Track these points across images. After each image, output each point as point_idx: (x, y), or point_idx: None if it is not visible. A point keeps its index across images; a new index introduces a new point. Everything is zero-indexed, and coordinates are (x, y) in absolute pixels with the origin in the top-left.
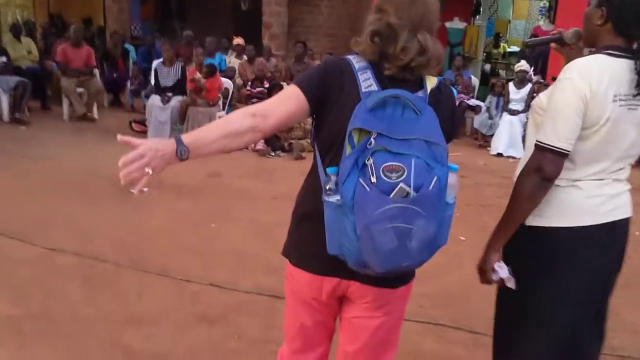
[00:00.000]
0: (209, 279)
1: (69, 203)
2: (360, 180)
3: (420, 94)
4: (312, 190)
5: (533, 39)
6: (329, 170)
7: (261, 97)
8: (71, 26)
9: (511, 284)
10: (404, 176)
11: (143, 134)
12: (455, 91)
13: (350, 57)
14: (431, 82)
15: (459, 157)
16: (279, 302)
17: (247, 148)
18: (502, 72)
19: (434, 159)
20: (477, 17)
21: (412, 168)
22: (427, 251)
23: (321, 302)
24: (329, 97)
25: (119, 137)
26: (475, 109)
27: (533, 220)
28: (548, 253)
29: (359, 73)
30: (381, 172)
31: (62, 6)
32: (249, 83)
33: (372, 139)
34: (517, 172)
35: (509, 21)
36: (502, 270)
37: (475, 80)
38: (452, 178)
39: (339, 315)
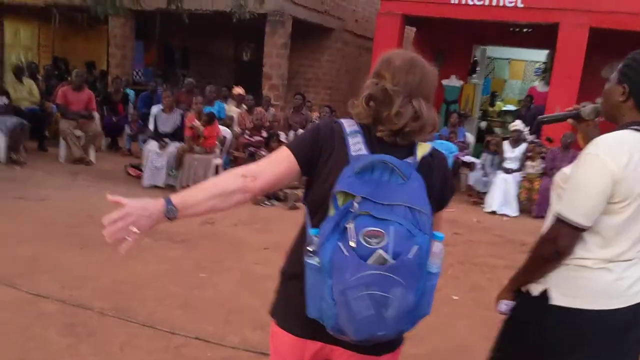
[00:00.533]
0: (195, 331)
1: (59, 247)
2: (339, 244)
3: (409, 160)
4: (299, 250)
5: (549, 115)
6: (311, 231)
7: (259, 146)
8: (74, 70)
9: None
10: (383, 242)
11: (138, 178)
12: (455, 147)
13: (343, 120)
14: (423, 148)
15: (453, 214)
16: (265, 359)
17: None
18: (498, 130)
19: (416, 227)
20: (474, 75)
21: (391, 234)
22: (405, 321)
23: None
24: (320, 158)
25: (109, 197)
26: (470, 166)
27: (561, 300)
28: (571, 333)
29: (349, 137)
30: (361, 237)
31: (66, 49)
32: (247, 132)
33: (355, 203)
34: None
35: (505, 80)
36: (506, 308)
37: (471, 137)
38: (436, 247)
39: None
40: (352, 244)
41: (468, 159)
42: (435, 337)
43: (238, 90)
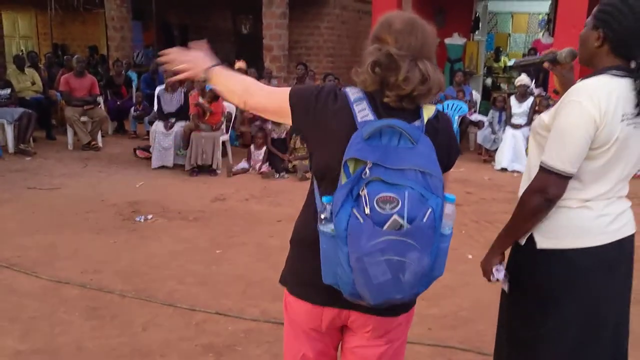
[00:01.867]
0: (215, 307)
1: (75, 233)
2: (354, 210)
3: (417, 123)
4: (308, 218)
5: (523, 59)
6: (324, 199)
7: (264, 120)
8: (74, 56)
9: (505, 287)
10: (397, 207)
11: (147, 160)
12: (465, 107)
13: (347, 89)
14: (428, 111)
15: (463, 173)
16: None
17: (251, 169)
18: (504, 86)
19: (428, 190)
20: (477, 32)
21: (406, 199)
22: (421, 284)
23: (321, 332)
24: (315, 117)
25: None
26: (478, 124)
27: (545, 243)
28: (561, 274)
29: (354, 103)
30: (375, 203)
31: (65, 36)
32: None
33: (366, 169)
34: (521, 189)
35: (509, 35)
36: (498, 273)
37: (477, 95)
38: (448, 208)
39: (340, 344)
40: (367, 210)
41: (475, 117)
42: (453, 297)
43: (239, 64)
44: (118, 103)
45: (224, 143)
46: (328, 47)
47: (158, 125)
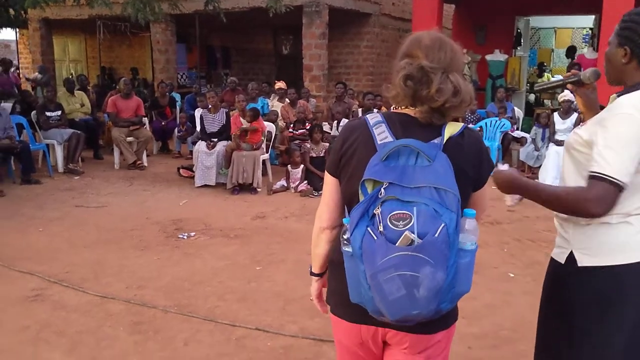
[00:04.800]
0: (254, 323)
1: (121, 250)
2: (369, 229)
3: (436, 141)
4: (338, 239)
5: (546, 82)
6: (344, 220)
7: (303, 139)
8: (121, 79)
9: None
10: (409, 224)
11: (190, 179)
12: (508, 123)
13: (367, 115)
14: (452, 128)
15: None
16: (325, 346)
17: (290, 189)
18: (547, 102)
19: (442, 206)
20: (518, 48)
21: (417, 215)
22: (440, 299)
23: (363, 349)
24: (344, 158)
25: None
26: (521, 141)
27: (587, 260)
28: (605, 291)
29: (374, 128)
30: (388, 221)
31: (112, 59)
32: (291, 125)
33: (382, 189)
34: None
35: (552, 50)
36: (503, 166)
37: (519, 112)
38: (469, 224)
39: None
40: (380, 228)
41: (518, 133)
42: (494, 316)
43: (279, 85)
44: (163, 124)
45: (264, 162)
46: (367, 66)
47: (201, 145)
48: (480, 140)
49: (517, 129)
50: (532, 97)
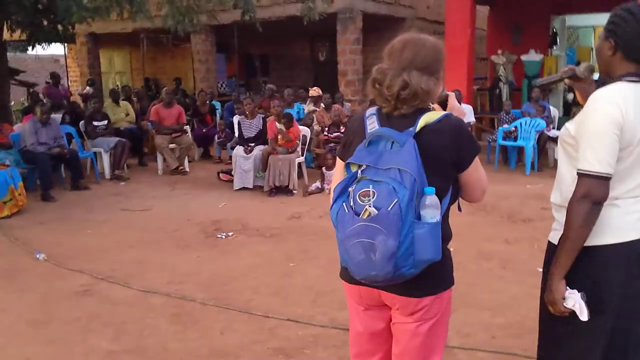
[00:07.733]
0: (286, 314)
1: (163, 249)
2: (344, 204)
3: (411, 129)
4: None
5: (545, 78)
6: None
7: (338, 142)
8: (163, 88)
9: (583, 315)
10: (372, 200)
11: (229, 182)
12: (543, 122)
13: (366, 110)
14: (429, 117)
15: (542, 189)
16: None
17: (325, 190)
18: None
19: (401, 184)
20: (554, 47)
21: (377, 192)
22: (392, 264)
23: (366, 308)
24: (347, 144)
25: None
26: (556, 140)
27: None
28: (595, 270)
29: (367, 119)
30: (358, 197)
31: (156, 70)
32: (326, 129)
33: (359, 170)
34: (552, 197)
35: (592, 49)
36: (573, 296)
37: (555, 111)
38: (429, 199)
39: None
40: (351, 203)
41: (554, 133)
42: (520, 307)
43: (313, 92)
44: (203, 130)
45: (299, 165)
46: None
47: (239, 150)
48: (458, 126)
49: (554, 128)
50: (570, 96)
